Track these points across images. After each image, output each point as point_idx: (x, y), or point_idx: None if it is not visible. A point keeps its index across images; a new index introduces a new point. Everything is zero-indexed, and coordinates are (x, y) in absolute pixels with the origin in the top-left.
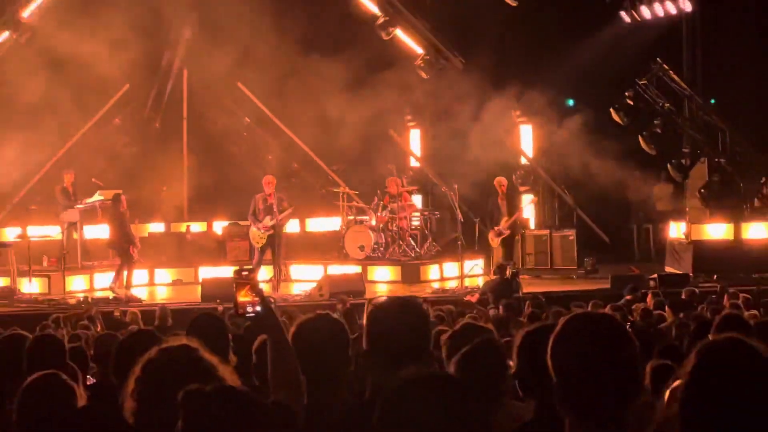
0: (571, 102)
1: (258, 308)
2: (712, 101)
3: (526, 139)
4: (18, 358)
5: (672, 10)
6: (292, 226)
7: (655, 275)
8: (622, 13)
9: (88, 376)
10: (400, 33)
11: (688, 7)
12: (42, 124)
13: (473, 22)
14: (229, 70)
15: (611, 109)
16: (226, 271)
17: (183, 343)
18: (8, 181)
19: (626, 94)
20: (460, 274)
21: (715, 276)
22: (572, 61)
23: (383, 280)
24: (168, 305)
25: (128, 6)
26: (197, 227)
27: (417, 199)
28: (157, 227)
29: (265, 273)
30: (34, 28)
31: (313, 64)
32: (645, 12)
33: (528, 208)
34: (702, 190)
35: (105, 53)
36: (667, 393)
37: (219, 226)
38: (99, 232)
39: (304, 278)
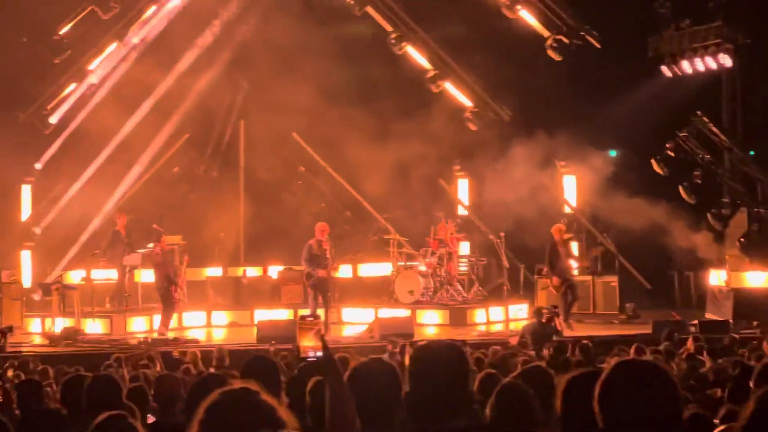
0: (613, 152)
1: (319, 353)
2: (751, 153)
3: (570, 188)
4: (79, 397)
5: (712, 65)
6: (344, 271)
7: (696, 321)
8: (664, 68)
9: (148, 415)
10: (449, 86)
11: (727, 63)
12: (106, 170)
13: (520, 75)
14: (285, 120)
15: (652, 160)
16: (281, 314)
17: (244, 386)
18: (73, 225)
19: (667, 145)
20: (506, 318)
21: (755, 323)
22: (615, 112)
23: (432, 323)
24: (225, 346)
25: (187, 58)
26: (253, 271)
27: (464, 246)
28: (214, 271)
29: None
30: (99, 78)
31: (364, 114)
32: (686, 67)
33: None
34: (741, 239)
35: (166, 103)
36: None
37: (274, 271)
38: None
39: (356, 321)
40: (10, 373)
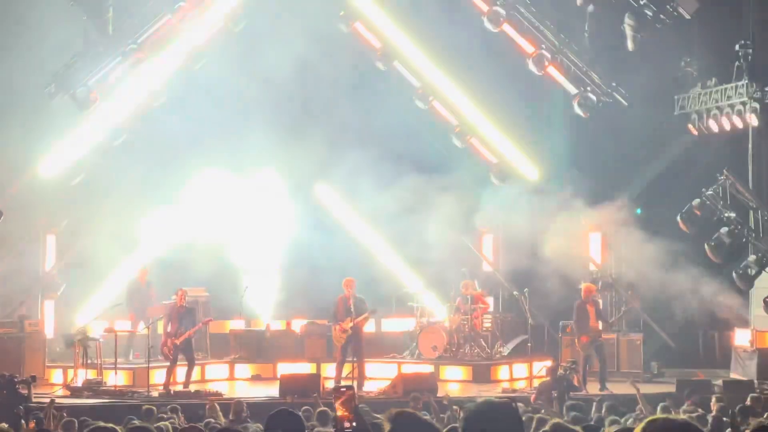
0: (639, 210)
1: (354, 423)
2: None
3: (595, 245)
4: None
5: (738, 123)
6: (368, 326)
7: (720, 381)
8: (690, 126)
9: None
10: (475, 141)
11: (753, 122)
12: (130, 222)
13: (546, 131)
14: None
15: (678, 218)
16: (304, 368)
17: None
18: (96, 277)
19: (693, 203)
20: (529, 375)
21: None
22: (641, 170)
23: (455, 379)
24: (244, 399)
25: None
26: (277, 325)
27: (488, 302)
28: (237, 324)
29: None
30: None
31: (390, 165)
32: (712, 125)
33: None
34: (767, 299)
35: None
36: None
37: (297, 324)
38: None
39: (379, 376)
40: None
